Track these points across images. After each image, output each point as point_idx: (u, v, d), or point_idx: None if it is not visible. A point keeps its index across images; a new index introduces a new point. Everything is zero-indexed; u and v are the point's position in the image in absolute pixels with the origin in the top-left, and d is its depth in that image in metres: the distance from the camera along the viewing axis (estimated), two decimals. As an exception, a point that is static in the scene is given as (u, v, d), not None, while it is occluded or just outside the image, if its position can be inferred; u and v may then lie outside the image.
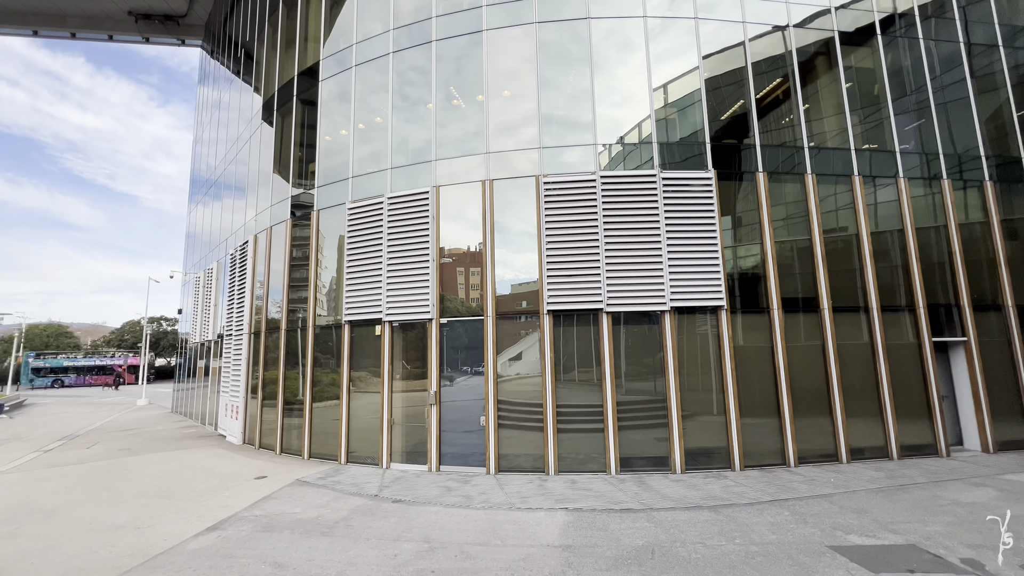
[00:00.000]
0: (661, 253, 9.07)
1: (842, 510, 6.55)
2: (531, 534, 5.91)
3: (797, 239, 9.89)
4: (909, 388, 9.68)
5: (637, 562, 5.09)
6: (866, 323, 9.75)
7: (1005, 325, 10.32)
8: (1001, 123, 11.33)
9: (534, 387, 9.06)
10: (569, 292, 9.02)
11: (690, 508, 6.74)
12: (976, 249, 10.55)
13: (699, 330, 9.25)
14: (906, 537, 5.60)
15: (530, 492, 7.57)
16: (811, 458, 9.08)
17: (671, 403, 8.81)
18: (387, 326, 9.81)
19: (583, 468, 8.69)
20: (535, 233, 9.31)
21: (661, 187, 9.28)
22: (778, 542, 5.53)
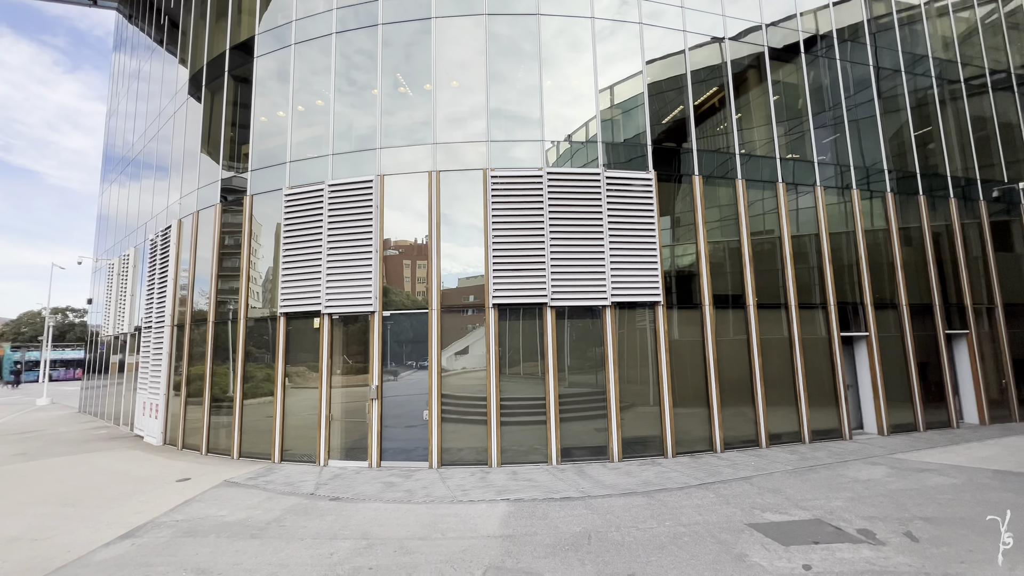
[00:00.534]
0: (603, 250, 9.36)
1: (760, 491, 7.11)
2: (472, 526, 5.94)
3: (728, 240, 10.54)
4: (820, 378, 10.64)
5: (574, 548, 5.27)
6: (785, 319, 10.60)
7: (899, 322, 11.59)
8: (902, 141, 12.65)
9: (479, 381, 9.08)
10: (515, 286, 9.10)
11: (625, 494, 7.05)
12: (878, 253, 11.75)
13: (638, 324, 9.65)
14: (813, 513, 6.17)
15: (472, 485, 7.60)
16: (735, 444, 9.78)
17: (610, 395, 9.14)
18: (326, 319, 9.44)
19: (525, 460, 8.83)
20: (482, 227, 9.30)
21: (605, 186, 9.56)
22: (703, 523, 5.92)
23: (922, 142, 12.86)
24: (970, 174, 13.16)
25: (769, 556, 4.97)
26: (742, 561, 4.87)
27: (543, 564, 4.90)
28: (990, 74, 14.02)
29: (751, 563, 4.83)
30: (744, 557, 4.96)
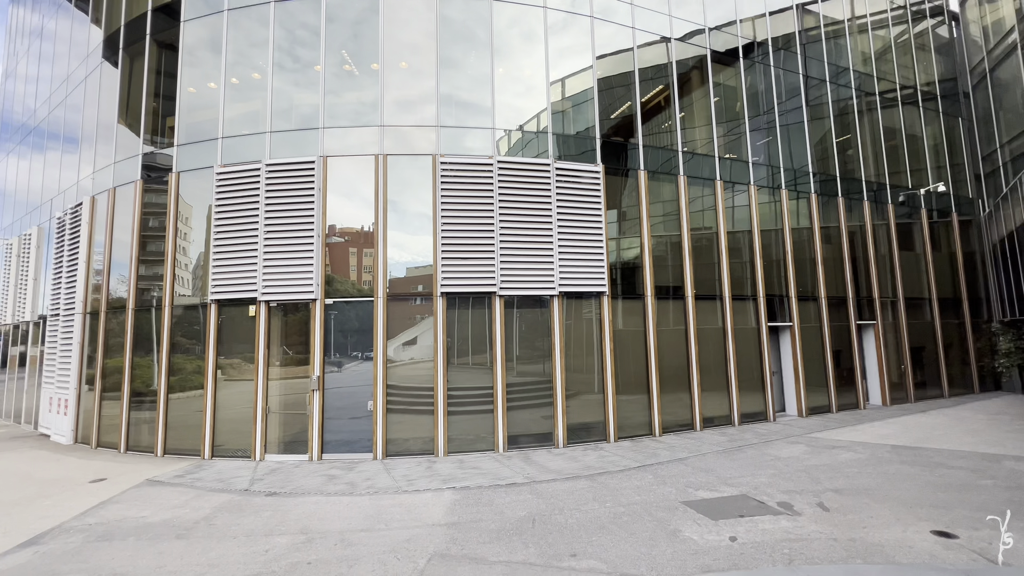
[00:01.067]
0: (552, 240, 9.48)
1: (694, 470, 7.54)
2: (417, 515, 5.89)
3: (670, 235, 11.00)
4: (749, 365, 11.41)
5: (518, 532, 5.35)
6: (720, 310, 11.24)
7: (819, 313, 12.63)
8: (825, 147, 13.69)
9: (427, 371, 8.96)
10: (464, 275, 9.02)
11: (569, 478, 7.25)
12: (802, 250, 12.70)
13: (584, 315, 9.88)
14: (740, 489, 6.63)
15: (418, 475, 7.52)
16: (673, 428, 10.30)
17: (556, 383, 9.33)
18: (263, 306, 8.93)
19: (472, 448, 8.85)
20: (431, 215, 9.13)
21: (555, 177, 9.66)
22: (641, 502, 6.20)
23: (842, 148, 13.98)
24: (881, 179, 14.48)
25: (700, 530, 5.29)
26: (676, 536, 5.16)
27: (488, 549, 4.94)
28: (900, 89, 15.45)
29: (684, 538, 5.12)
30: (678, 532, 5.25)
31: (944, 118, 16.20)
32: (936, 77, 16.39)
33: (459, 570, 4.51)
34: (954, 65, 16.94)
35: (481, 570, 4.50)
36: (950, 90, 16.58)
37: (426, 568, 4.56)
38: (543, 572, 4.45)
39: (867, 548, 4.78)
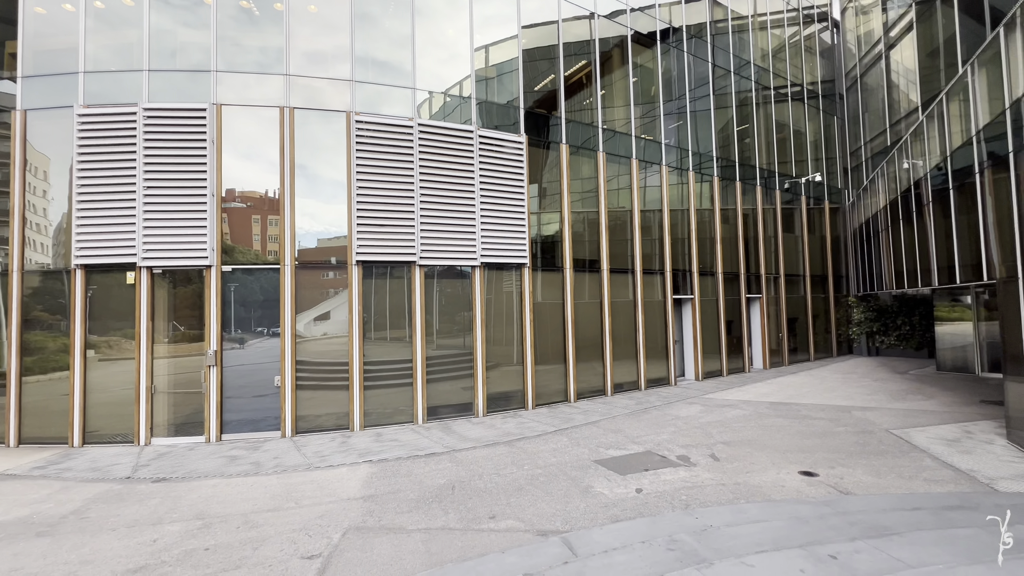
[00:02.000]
0: (475, 209, 9.33)
1: (605, 432, 8.03)
2: (331, 491, 5.64)
3: (588, 211, 11.33)
4: (656, 335, 12.29)
5: (438, 499, 5.34)
6: (631, 283, 11.91)
7: (715, 287, 13.88)
8: (727, 134, 14.81)
9: (341, 346, 8.52)
10: (381, 243, 8.60)
11: (489, 445, 7.36)
12: (704, 229, 13.78)
13: (505, 287, 9.94)
14: (645, 446, 7.18)
15: (332, 450, 7.19)
16: (587, 394, 10.86)
17: (477, 355, 9.35)
18: (145, 273, 7.84)
19: (390, 421, 8.65)
20: (346, 183, 8.51)
21: (478, 145, 9.44)
22: (557, 463, 6.48)
23: (741, 137, 15.23)
24: (771, 168, 16.05)
25: (610, 485, 5.66)
26: (588, 492, 5.46)
27: (407, 519, 4.88)
28: (790, 86, 17.08)
29: (596, 493, 5.44)
30: (590, 489, 5.57)
31: (823, 116, 18.25)
32: (819, 78, 18.33)
33: (376, 541, 4.41)
34: (833, 68, 19.04)
35: (399, 539, 4.44)
36: (829, 91, 18.66)
37: (341, 542, 4.39)
38: (462, 535, 4.49)
39: (749, 490, 5.42)
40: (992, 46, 7.46)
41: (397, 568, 3.93)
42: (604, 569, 3.40)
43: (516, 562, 3.75)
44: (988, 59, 7.65)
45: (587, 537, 4.14)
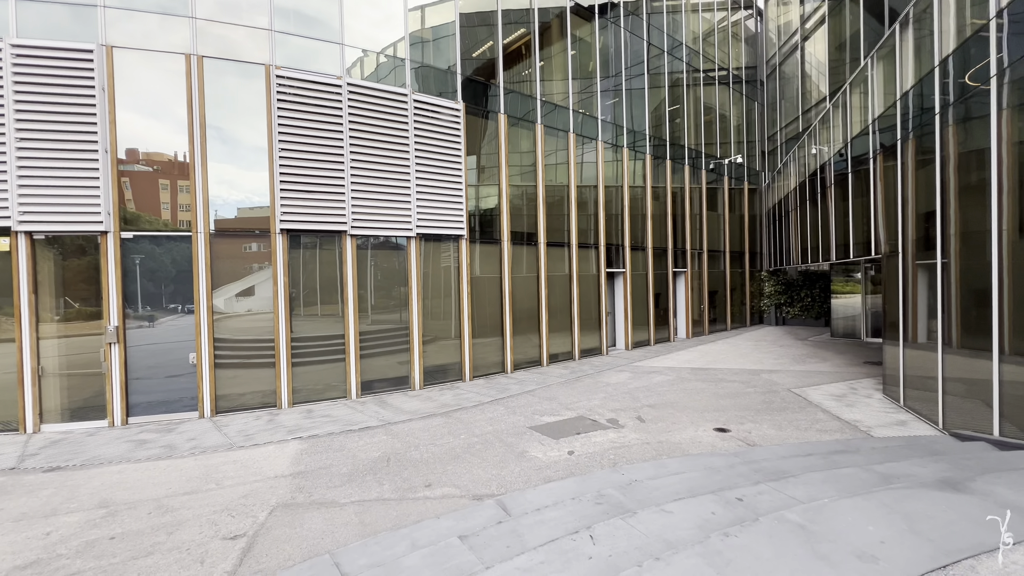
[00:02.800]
0: (410, 178, 9.00)
1: (540, 400, 8.27)
2: (256, 470, 5.38)
3: (526, 184, 11.33)
4: (589, 307, 12.73)
5: (372, 472, 5.27)
6: (567, 257, 12.17)
7: (645, 261, 14.55)
8: (659, 114, 15.31)
9: (267, 323, 8.01)
10: (309, 210, 8.08)
11: (425, 417, 7.34)
12: (636, 206, 14.30)
13: (442, 259, 9.77)
14: (578, 411, 7.50)
15: (258, 429, 6.83)
16: (523, 364, 11.09)
17: (413, 329, 9.19)
18: (23, 238, 6.84)
19: (322, 397, 8.34)
20: (268, 148, 7.84)
21: (412, 110, 9.05)
22: (493, 431, 6.60)
23: (672, 117, 15.81)
24: (699, 148, 16.86)
25: (544, 449, 5.86)
26: (523, 457, 5.63)
27: (339, 492, 4.77)
28: (717, 70, 17.88)
29: (530, 457, 5.62)
30: (525, 453, 5.73)
31: (746, 100, 19.36)
32: (743, 64, 19.33)
33: (306, 516, 4.28)
34: (756, 55, 20.15)
35: (331, 513, 4.33)
36: (752, 77, 19.77)
37: (268, 520, 4.21)
38: (398, 505, 4.47)
39: (671, 447, 5.85)
40: (888, 42, 8.21)
41: (329, 540, 3.85)
42: (536, 525, 3.54)
43: (451, 525, 3.80)
44: (885, 54, 8.42)
45: (521, 498, 4.27)
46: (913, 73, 7.20)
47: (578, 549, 3.03)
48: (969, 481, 3.71)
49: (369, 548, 3.54)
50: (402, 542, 3.59)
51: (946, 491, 3.54)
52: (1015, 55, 5.03)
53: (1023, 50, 4.92)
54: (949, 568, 2.65)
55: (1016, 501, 3.34)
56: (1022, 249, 5.03)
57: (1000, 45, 5.24)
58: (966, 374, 5.90)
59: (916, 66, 7.13)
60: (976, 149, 5.64)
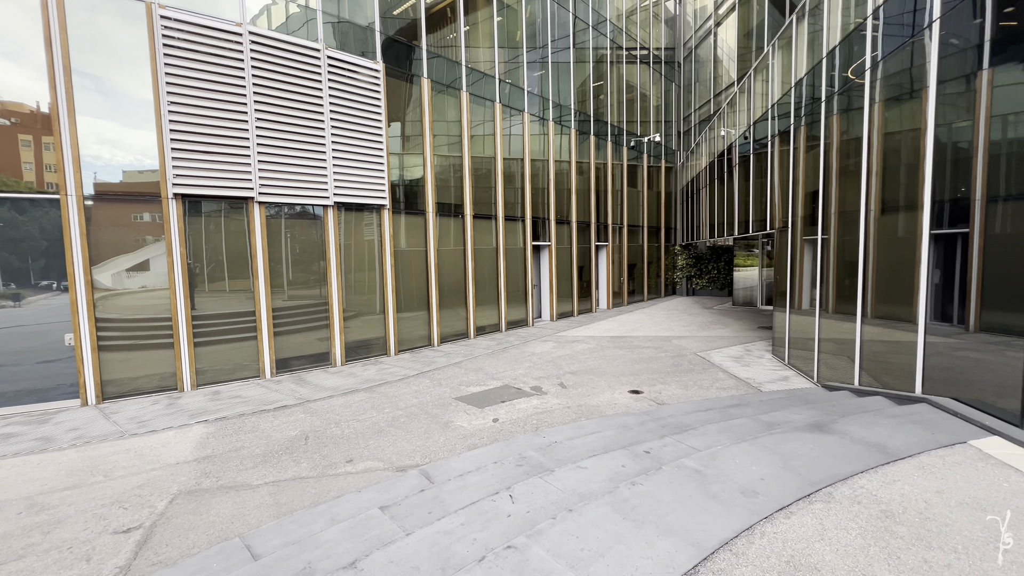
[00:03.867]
0: (325, 141, 8.42)
1: (466, 371, 8.33)
2: (154, 457, 4.93)
3: (452, 155, 11.06)
4: (516, 280, 12.90)
5: (289, 451, 5.04)
6: (494, 230, 12.17)
7: (570, 235, 14.95)
8: (584, 89, 15.51)
9: (164, 299, 7.22)
10: (208, 173, 7.30)
11: (347, 393, 7.12)
12: (561, 180, 14.55)
13: (364, 232, 9.34)
14: (503, 381, 7.66)
15: (155, 414, 6.24)
16: (450, 338, 11.06)
17: (333, 303, 8.78)
18: None
19: (232, 377, 7.77)
20: (154, 101, 6.89)
21: (327, 67, 8.39)
22: (419, 404, 6.56)
23: (597, 93, 16.11)
24: (621, 125, 17.39)
25: (469, 418, 5.95)
26: (448, 427, 5.67)
27: (251, 474, 4.52)
28: (639, 49, 18.40)
29: (455, 427, 5.67)
30: (450, 423, 5.78)
31: (665, 81, 20.18)
32: (663, 44, 20.05)
33: (213, 502, 4.01)
34: (675, 37, 20.96)
35: (243, 496, 4.11)
36: (671, 58, 20.59)
37: (168, 509, 3.90)
38: (316, 482, 4.33)
39: (589, 409, 6.18)
40: (787, 33, 8.90)
41: (240, 524, 3.65)
42: (459, 490, 3.60)
43: (373, 498, 3.76)
44: (784, 44, 9.12)
45: (445, 466, 4.31)
46: (806, 63, 7.88)
47: (498, 508, 3.13)
48: (832, 423, 4.32)
49: (284, 527, 3.41)
50: (320, 518, 3.49)
51: (815, 433, 4.09)
52: (886, 52, 5.67)
53: (893, 48, 5.55)
54: (812, 495, 3.09)
55: (865, 437, 3.95)
56: (885, 226, 5.80)
57: (875, 43, 5.88)
58: (837, 335, 6.79)
59: (809, 57, 7.81)
60: (854, 137, 6.35)
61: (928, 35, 4.97)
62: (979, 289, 4.50)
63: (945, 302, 4.97)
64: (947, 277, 4.94)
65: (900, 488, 3.13)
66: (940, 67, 4.84)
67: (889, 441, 3.86)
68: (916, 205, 5.15)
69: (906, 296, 5.34)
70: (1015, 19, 4.20)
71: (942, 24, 4.80)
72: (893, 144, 5.66)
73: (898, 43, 5.45)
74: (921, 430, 4.07)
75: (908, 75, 5.38)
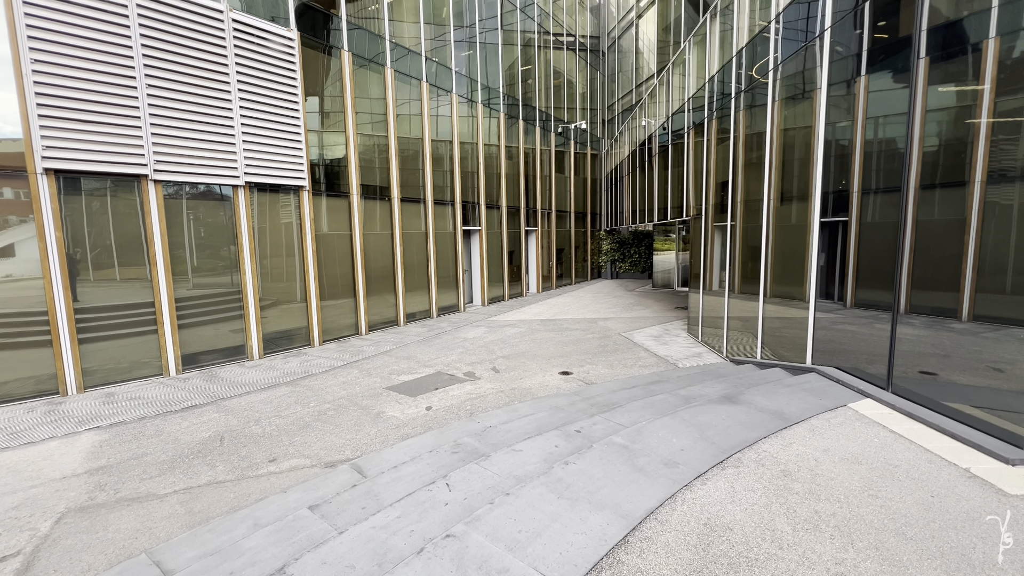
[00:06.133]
0: (232, 115, 7.66)
1: (397, 359, 8.13)
2: (33, 473, 4.31)
3: (377, 135, 10.55)
4: (446, 265, 12.73)
5: (201, 454, 4.64)
6: (423, 214, 11.87)
7: (500, 220, 14.98)
8: (513, 73, 15.44)
9: (37, 290, 6.24)
10: (87, 145, 6.36)
11: (267, 388, 6.66)
12: (491, 164, 14.47)
13: (281, 212, 8.69)
14: (435, 368, 7.58)
15: (31, 423, 5.43)
16: (379, 325, 10.71)
17: (248, 292, 8.11)
18: None
19: (128, 377, 6.95)
20: (11, 56, 5.82)
21: (232, 32, 7.58)
22: (347, 396, 6.31)
23: (525, 78, 16.10)
24: (549, 112, 17.58)
25: (401, 408, 5.83)
26: (380, 418, 5.52)
27: (157, 483, 4.10)
28: (566, 36, 18.60)
29: (387, 417, 5.53)
30: (382, 414, 5.63)
31: (590, 69, 20.63)
32: (589, 32, 20.43)
33: (111, 517, 3.60)
34: (600, 26, 21.43)
35: (148, 507, 3.72)
36: (596, 46, 21.06)
37: (55, 531, 3.44)
38: (235, 486, 4.04)
39: (522, 392, 6.31)
40: (701, 31, 9.43)
41: (146, 538, 3.31)
42: (393, 483, 3.53)
43: (300, 497, 3.58)
44: (699, 41, 9.66)
45: (377, 458, 4.20)
46: (718, 61, 8.42)
47: (435, 498, 3.11)
48: (739, 395, 4.77)
49: (200, 537, 3.14)
50: (241, 524, 3.26)
51: (726, 404, 4.50)
52: (785, 55, 6.21)
53: (791, 52, 6.09)
54: (724, 462, 3.41)
55: (767, 405, 4.42)
56: (782, 214, 6.42)
57: (776, 45, 6.41)
58: (742, 314, 7.47)
59: (720, 55, 8.35)
60: (758, 132, 6.92)
61: (819, 44, 5.50)
62: (855, 270, 5.16)
63: (828, 282, 5.64)
64: (831, 260, 5.60)
65: (796, 449, 3.54)
66: (830, 72, 5.39)
67: (786, 408, 4.34)
68: (807, 195, 5.76)
69: (799, 277, 5.99)
70: (886, 32, 4.78)
71: (832, 33, 5.34)
72: (791, 140, 6.25)
73: (796, 47, 5.98)
74: (812, 397, 4.62)
75: (802, 77, 5.94)
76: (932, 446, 3.51)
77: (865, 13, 4.88)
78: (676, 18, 13.75)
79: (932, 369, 4.15)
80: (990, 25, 3.70)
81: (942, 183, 4.10)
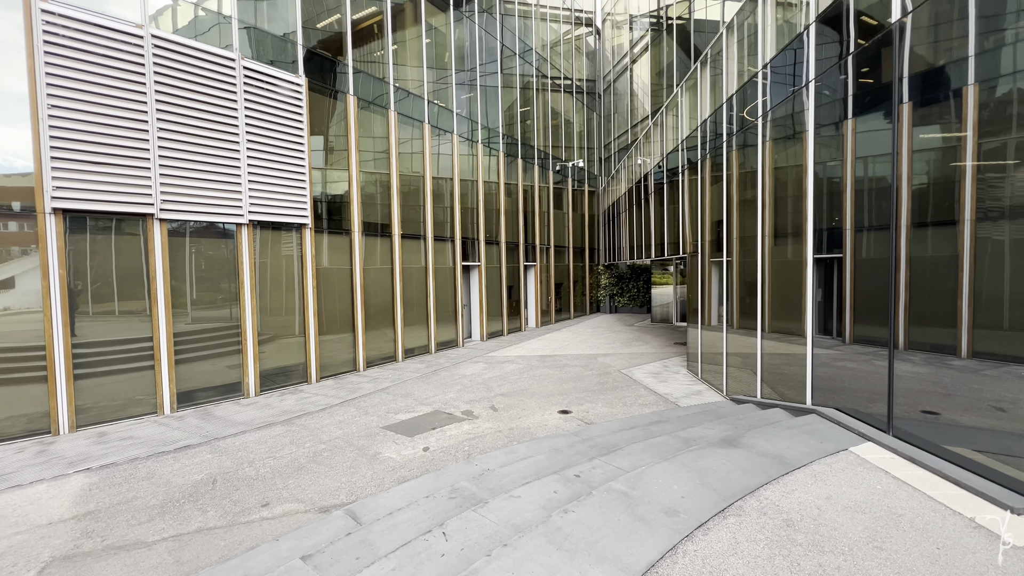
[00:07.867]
0: (240, 156, 7.87)
1: (395, 397, 8.05)
2: (19, 519, 4.20)
3: (379, 172, 10.82)
4: (445, 300, 12.78)
5: (193, 498, 4.53)
6: (423, 249, 12.01)
7: (499, 255, 15.14)
8: (512, 114, 15.97)
9: (35, 324, 6.25)
10: (97, 185, 6.51)
11: (261, 427, 6.57)
12: (490, 201, 14.75)
13: (283, 250, 8.80)
14: (434, 406, 7.50)
15: (20, 464, 5.33)
16: (377, 361, 10.65)
17: (246, 327, 8.12)
18: None
19: (122, 415, 6.86)
20: (28, 96, 6.06)
21: (243, 78, 7.89)
22: (343, 435, 6.22)
23: (524, 118, 16.64)
24: (547, 150, 18.07)
25: (398, 448, 5.74)
26: (376, 459, 5.43)
27: (146, 529, 4.00)
28: (563, 79, 19.34)
29: (384, 458, 5.44)
30: (378, 455, 5.53)
31: (587, 110, 21.33)
32: (585, 76, 21.24)
33: (97, 567, 3.49)
34: (596, 69, 22.30)
35: (135, 556, 3.61)
36: (592, 88, 21.85)
37: (37, 582, 3.33)
38: (226, 533, 3.93)
39: (521, 432, 6.23)
40: (693, 76, 9.83)
41: (131, 592, 3.21)
42: (388, 530, 3.45)
43: (293, 546, 3.48)
44: (691, 86, 10.06)
45: (372, 503, 4.11)
46: (710, 104, 8.74)
47: (431, 548, 3.04)
48: (740, 437, 4.72)
49: (187, 591, 3.04)
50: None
51: (726, 448, 4.45)
52: (775, 100, 6.46)
53: (780, 97, 6.34)
54: (726, 510, 3.34)
55: (768, 449, 4.36)
56: (777, 251, 6.53)
57: (765, 90, 6.68)
58: (741, 350, 7.47)
59: (712, 99, 8.67)
60: (750, 171, 7.12)
61: (805, 92, 5.75)
62: (852, 306, 5.20)
63: (826, 317, 5.67)
64: (827, 295, 5.65)
65: (798, 497, 3.49)
66: (817, 116, 5.60)
67: (787, 452, 4.29)
68: (801, 232, 5.87)
69: (796, 313, 6.02)
70: (870, 78, 5.00)
71: (818, 82, 5.58)
72: (783, 178, 6.43)
73: (784, 94, 6.24)
74: (813, 440, 4.57)
75: (792, 120, 6.17)
76: (936, 493, 3.45)
77: (848, 64, 5.12)
78: (669, 63, 14.35)
79: (934, 408, 4.13)
80: (968, 72, 3.88)
81: (933, 221, 4.20)
